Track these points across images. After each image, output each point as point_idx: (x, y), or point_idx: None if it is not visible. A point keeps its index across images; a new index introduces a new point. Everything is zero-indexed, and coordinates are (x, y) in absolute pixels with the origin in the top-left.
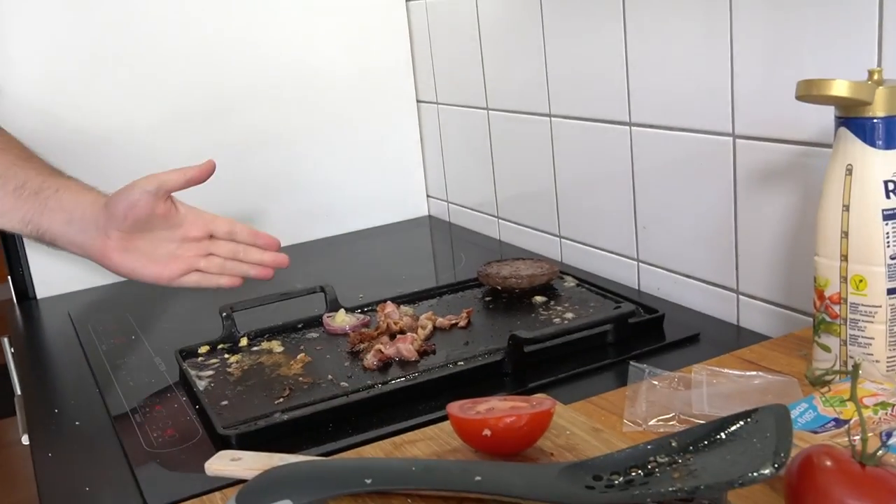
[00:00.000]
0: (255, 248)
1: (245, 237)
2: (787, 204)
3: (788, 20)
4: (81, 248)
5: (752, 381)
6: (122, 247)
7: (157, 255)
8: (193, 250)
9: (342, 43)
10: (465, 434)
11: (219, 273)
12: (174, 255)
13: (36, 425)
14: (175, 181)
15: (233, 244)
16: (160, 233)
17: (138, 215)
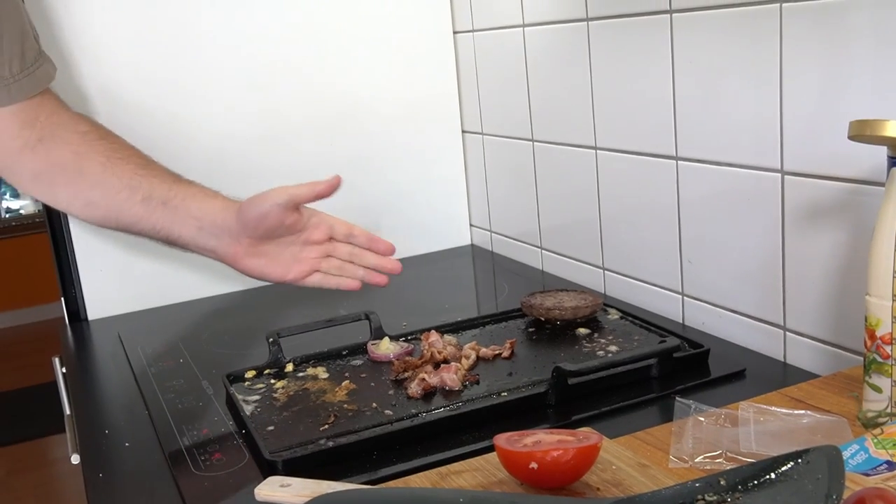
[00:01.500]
0: (371, 252)
1: (362, 241)
2: (837, 241)
3: (839, 57)
4: (213, 252)
5: (800, 419)
6: (251, 252)
7: (283, 257)
8: (315, 252)
9: (390, 73)
10: (512, 466)
11: (338, 275)
12: (298, 257)
13: (86, 445)
14: (305, 195)
15: (350, 247)
16: (286, 237)
17: (269, 226)
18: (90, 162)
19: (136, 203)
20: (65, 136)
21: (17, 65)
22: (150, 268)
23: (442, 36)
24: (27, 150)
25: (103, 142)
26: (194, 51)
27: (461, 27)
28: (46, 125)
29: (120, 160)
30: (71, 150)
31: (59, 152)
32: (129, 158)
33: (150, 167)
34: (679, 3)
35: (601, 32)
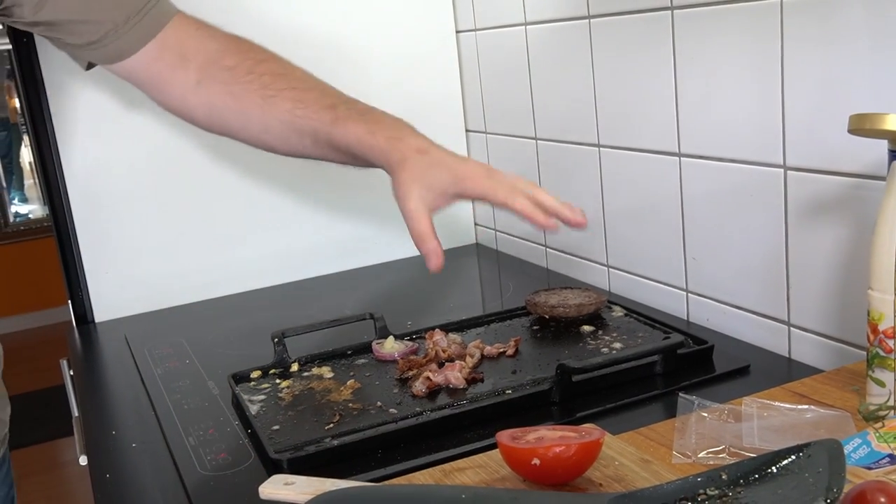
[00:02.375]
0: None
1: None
2: (840, 236)
3: (840, 52)
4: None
5: (803, 414)
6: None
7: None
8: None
9: (393, 73)
10: (515, 463)
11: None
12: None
13: (94, 447)
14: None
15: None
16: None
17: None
18: (249, 104)
19: (308, 145)
20: (217, 75)
21: (124, 13)
22: (155, 270)
23: (444, 35)
24: (190, 94)
25: (251, 76)
26: None
27: (464, 26)
28: (199, 64)
29: (274, 98)
30: (227, 90)
31: (219, 95)
32: (283, 93)
33: (307, 101)
34: (680, 0)
35: (603, 30)
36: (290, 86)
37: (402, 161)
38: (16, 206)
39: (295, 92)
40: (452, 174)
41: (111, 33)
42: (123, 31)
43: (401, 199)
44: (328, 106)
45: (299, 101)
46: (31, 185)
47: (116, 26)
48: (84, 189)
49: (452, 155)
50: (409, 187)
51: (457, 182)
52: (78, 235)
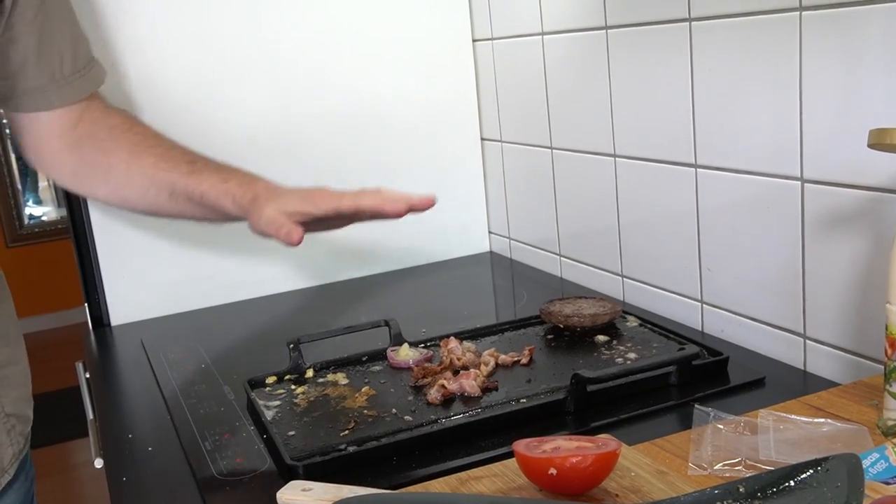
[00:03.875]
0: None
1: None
2: (857, 249)
3: (859, 65)
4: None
5: (820, 428)
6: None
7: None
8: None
9: (409, 81)
10: (531, 472)
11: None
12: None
13: (110, 449)
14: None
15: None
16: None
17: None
18: (115, 159)
19: (165, 199)
20: (97, 134)
21: (70, 67)
22: (171, 274)
23: (461, 44)
24: (66, 150)
25: (128, 134)
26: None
27: (480, 35)
28: (86, 125)
29: (142, 154)
30: (100, 147)
31: (90, 150)
32: (150, 150)
33: (169, 158)
34: (698, 12)
35: (620, 40)
36: (158, 144)
37: (254, 198)
38: (30, 208)
39: (161, 149)
40: (300, 195)
41: (52, 83)
42: (64, 83)
43: (257, 220)
44: (188, 161)
45: (162, 157)
46: (46, 188)
47: (62, 77)
48: None
49: (302, 187)
50: (263, 208)
51: (307, 198)
52: (95, 238)
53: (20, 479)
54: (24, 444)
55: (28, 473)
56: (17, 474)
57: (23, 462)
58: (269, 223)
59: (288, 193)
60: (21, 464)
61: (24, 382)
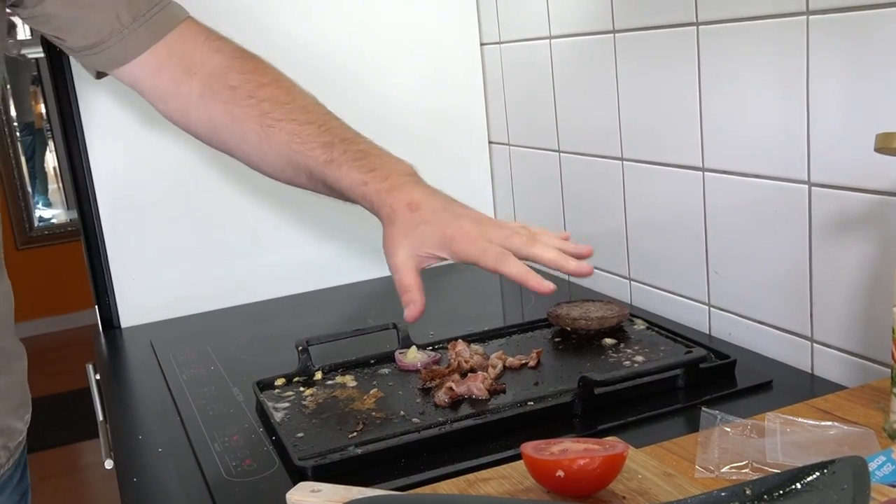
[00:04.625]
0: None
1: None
2: (864, 253)
3: (866, 69)
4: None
5: (827, 431)
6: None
7: None
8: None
9: (417, 84)
10: (539, 474)
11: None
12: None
13: (120, 451)
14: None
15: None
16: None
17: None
18: (247, 129)
19: (304, 180)
20: (219, 93)
21: (128, 14)
22: (181, 276)
23: (469, 47)
24: (192, 108)
25: (251, 101)
26: None
27: (488, 39)
28: (202, 77)
29: (272, 129)
30: (227, 110)
31: (218, 112)
32: (281, 124)
33: (303, 137)
34: (706, 16)
35: (628, 44)
36: (290, 117)
37: (392, 216)
38: (40, 210)
39: (293, 125)
40: (441, 234)
41: (116, 34)
42: (128, 32)
43: (388, 254)
44: (324, 144)
45: (296, 136)
46: (55, 190)
47: (122, 27)
48: (112, 194)
49: (447, 209)
50: (397, 243)
51: (445, 244)
52: (106, 241)
53: (3, 494)
54: (8, 458)
55: (17, 489)
56: (1, 486)
57: (9, 476)
58: (396, 273)
59: (428, 224)
60: (6, 478)
61: (11, 394)
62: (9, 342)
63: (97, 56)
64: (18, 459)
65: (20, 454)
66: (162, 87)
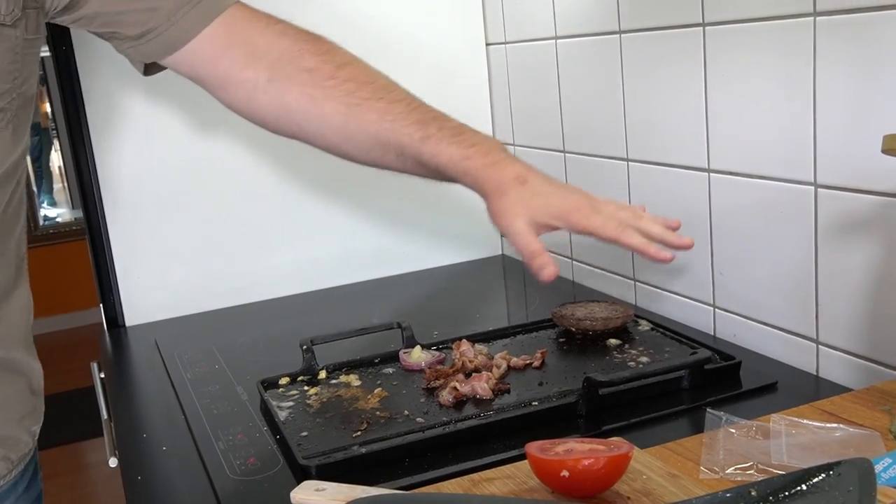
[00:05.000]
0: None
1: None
2: (870, 254)
3: (873, 70)
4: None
5: (832, 433)
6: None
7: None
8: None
9: (422, 84)
10: (543, 474)
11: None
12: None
13: (125, 449)
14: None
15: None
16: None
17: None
18: (330, 111)
19: (392, 159)
20: (294, 76)
21: (172, 1)
22: (186, 275)
23: (475, 47)
24: (260, 94)
25: (334, 81)
26: None
27: (494, 39)
28: (271, 62)
29: (359, 107)
30: (305, 93)
31: (293, 95)
32: (368, 102)
33: (395, 114)
34: (712, 17)
35: (634, 45)
36: (377, 95)
37: (501, 190)
38: (45, 209)
39: (382, 103)
40: (557, 207)
41: (164, 20)
42: (177, 17)
43: (505, 223)
44: (418, 122)
45: (387, 114)
46: (60, 189)
47: (169, 12)
48: (117, 194)
49: (552, 183)
50: (516, 213)
51: (562, 215)
52: (111, 240)
53: (9, 497)
54: (10, 470)
55: (25, 497)
56: (4, 497)
57: (12, 485)
58: (521, 240)
59: (541, 196)
60: (8, 487)
61: (14, 404)
62: (20, 354)
63: (147, 45)
64: (23, 470)
65: (26, 465)
66: (223, 74)
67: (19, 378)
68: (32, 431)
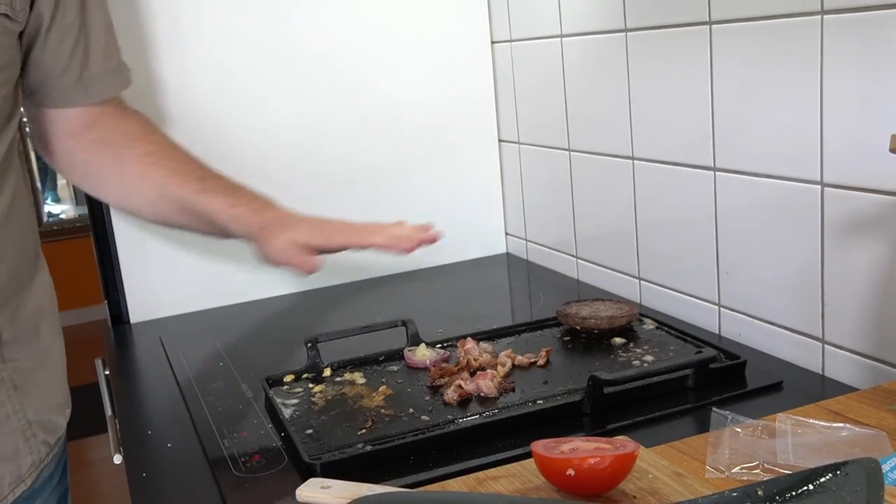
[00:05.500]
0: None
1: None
2: (877, 254)
3: (880, 69)
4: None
5: (838, 432)
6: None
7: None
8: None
9: (428, 82)
10: (549, 473)
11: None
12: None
13: (130, 445)
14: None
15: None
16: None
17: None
18: (127, 167)
19: (174, 212)
20: (111, 138)
21: (99, 67)
22: (190, 273)
23: (480, 45)
24: (79, 150)
25: (141, 143)
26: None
27: (499, 37)
28: (102, 128)
29: (153, 165)
30: (113, 152)
31: (104, 154)
32: (162, 162)
33: (181, 173)
34: (718, 15)
35: (640, 43)
36: (170, 157)
37: (264, 228)
38: (48, 205)
39: (172, 163)
40: (312, 228)
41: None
42: (91, 82)
43: (270, 250)
44: (199, 178)
45: (174, 171)
46: (64, 186)
47: (90, 76)
48: None
49: (311, 218)
50: (274, 237)
51: (318, 231)
52: (115, 237)
53: (45, 490)
54: (48, 453)
55: (57, 487)
56: (42, 485)
57: (51, 473)
58: (280, 254)
59: (300, 223)
60: (47, 474)
61: (53, 389)
62: (50, 336)
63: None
64: (59, 456)
65: (59, 450)
66: (71, 129)
67: (54, 362)
68: (66, 415)
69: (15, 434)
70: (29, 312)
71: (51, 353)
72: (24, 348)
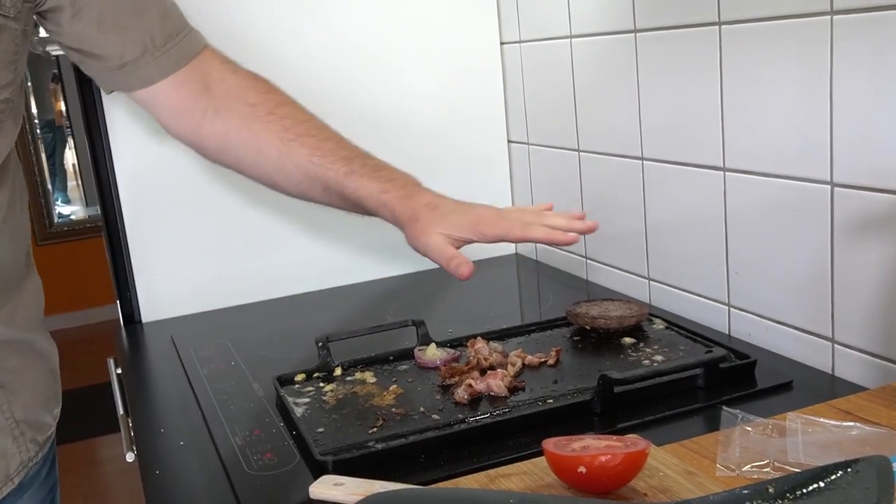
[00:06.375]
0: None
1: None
2: (887, 253)
3: (890, 69)
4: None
5: (849, 431)
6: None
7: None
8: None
9: (437, 83)
10: (560, 470)
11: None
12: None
13: (142, 444)
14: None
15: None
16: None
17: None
18: (265, 143)
19: (318, 191)
20: (237, 109)
21: (160, 38)
22: (202, 272)
23: (489, 46)
24: (207, 123)
25: (272, 117)
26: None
27: (508, 38)
28: (219, 95)
29: (293, 142)
30: (245, 125)
31: (235, 127)
32: (302, 139)
33: (324, 151)
34: (728, 15)
35: (649, 44)
36: (309, 133)
37: (415, 216)
38: (59, 206)
39: (313, 140)
40: (466, 221)
41: (148, 55)
42: (160, 54)
43: (420, 243)
44: (344, 158)
45: (317, 149)
46: (74, 187)
47: (154, 48)
48: (134, 191)
49: (461, 204)
50: (428, 232)
51: (472, 226)
52: (128, 237)
53: (31, 487)
54: (37, 452)
55: (46, 483)
56: (29, 483)
57: (38, 469)
58: (436, 252)
59: (452, 215)
60: (34, 472)
61: (40, 387)
62: (39, 337)
63: (125, 76)
64: (47, 454)
65: (48, 448)
66: (177, 104)
67: (43, 361)
68: (55, 414)
69: (3, 433)
70: (19, 315)
71: (39, 353)
72: (12, 349)
